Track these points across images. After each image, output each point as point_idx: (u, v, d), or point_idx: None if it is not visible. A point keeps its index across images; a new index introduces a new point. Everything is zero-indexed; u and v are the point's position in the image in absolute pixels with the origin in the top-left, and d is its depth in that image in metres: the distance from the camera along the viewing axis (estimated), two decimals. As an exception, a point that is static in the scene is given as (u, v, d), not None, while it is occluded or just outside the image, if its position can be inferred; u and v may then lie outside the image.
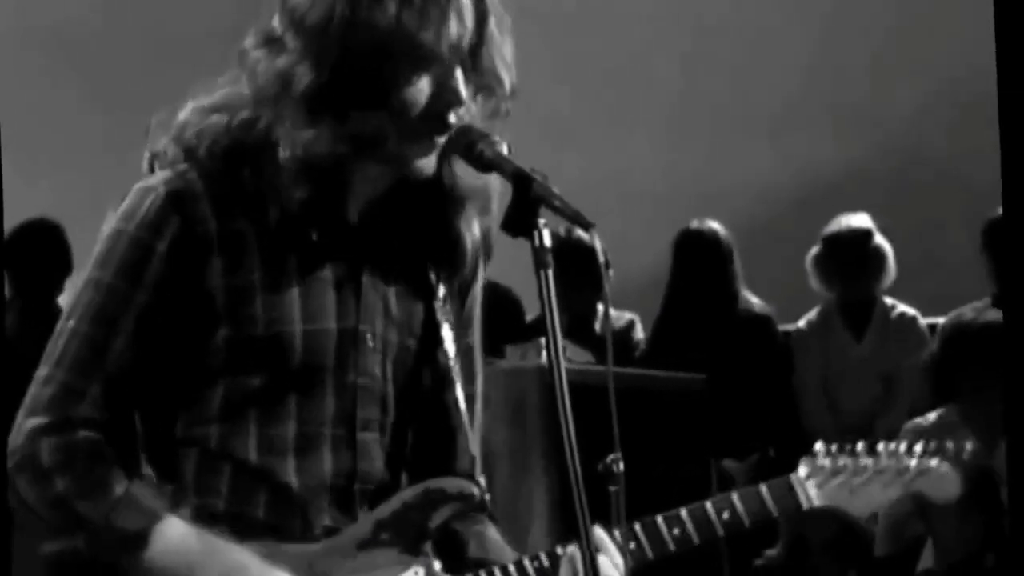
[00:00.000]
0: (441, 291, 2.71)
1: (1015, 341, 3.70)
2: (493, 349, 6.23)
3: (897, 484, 2.93)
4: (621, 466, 2.58)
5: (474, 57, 2.58)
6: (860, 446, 2.93)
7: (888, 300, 7.34)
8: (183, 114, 2.62)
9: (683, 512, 2.84)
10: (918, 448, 2.95)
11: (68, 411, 2.56)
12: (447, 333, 2.71)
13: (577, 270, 6.15)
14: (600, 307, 7.17)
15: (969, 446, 5.56)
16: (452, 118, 2.57)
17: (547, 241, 2.44)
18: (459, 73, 2.56)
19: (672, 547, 2.83)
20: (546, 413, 5.64)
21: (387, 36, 2.50)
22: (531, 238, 2.44)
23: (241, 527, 2.57)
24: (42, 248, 7.00)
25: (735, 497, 2.87)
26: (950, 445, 2.97)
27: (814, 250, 7.26)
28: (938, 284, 7.41)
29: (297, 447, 2.60)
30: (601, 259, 2.45)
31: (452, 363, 2.72)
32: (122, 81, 8.59)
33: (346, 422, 2.62)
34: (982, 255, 6.92)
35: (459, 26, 2.54)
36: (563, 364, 2.44)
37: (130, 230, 2.57)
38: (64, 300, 7.02)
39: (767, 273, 7.50)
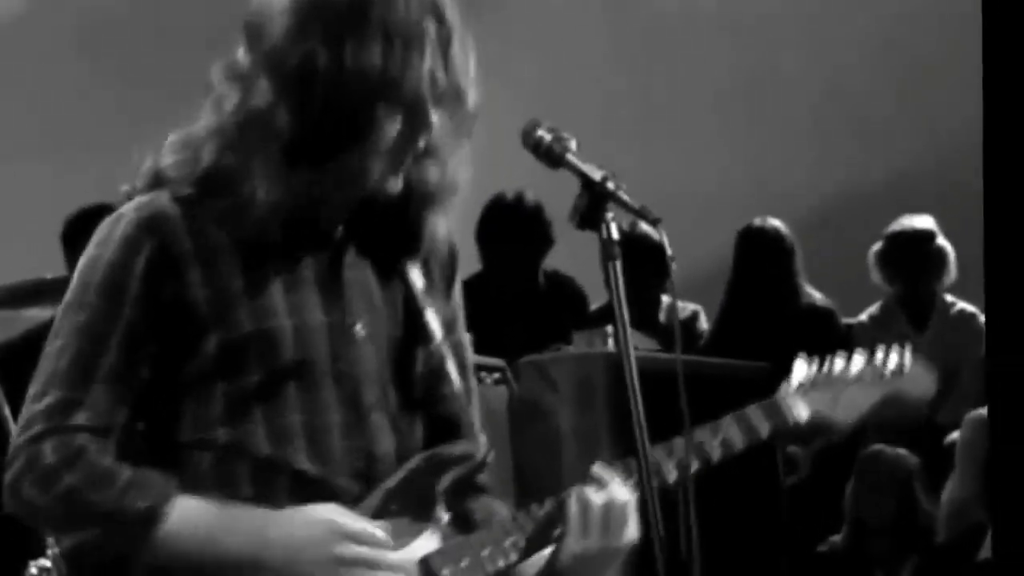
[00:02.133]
0: (420, 282, 2.73)
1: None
2: (561, 336, 6.31)
3: (876, 386, 2.94)
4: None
5: (439, 79, 2.60)
6: (839, 357, 2.94)
7: (948, 297, 7.38)
8: (158, 153, 2.67)
9: (676, 441, 2.81)
10: (894, 351, 2.98)
11: (65, 419, 2.56)
12: (431, 318, 2.72)
13: (643, 262, 6.22)
14: (664, 298, 7.24)
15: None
16: (422, 143, 2.61)
17: (615, 234, 2.51)
18: (429, 100, 2.59)
19: (670, 478, 2.80)
20: (613, 397, 5.69)
21: (373, 84, 2.53)
22: (599, 231, 2.52)
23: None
24: None
25: (726, 421, 2.86)
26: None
27: (877, 246, 7.31)
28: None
29: (307, 435, 2.61)
30: (667, 252, 2.53)
31: (442, 347, 2.73)
32: (171, 67, 8.59)
33: (353, 406, 2.64)
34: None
35: (432, 60, 2.58)
36: (631, 351, 2.52)
37: (106, 255, 2.60)
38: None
39: (821, 270, 7.55)
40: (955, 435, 6.46)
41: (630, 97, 8.94)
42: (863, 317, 7.48)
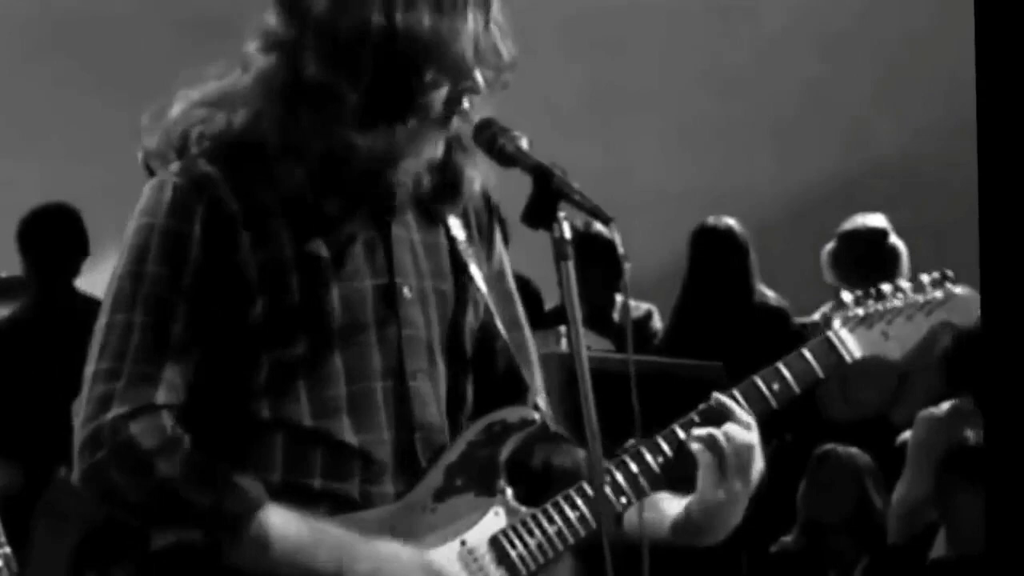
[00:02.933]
0: (462, 234, 2.72)
1: (996, 342, 3.72)
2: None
3: (925, 317, 2.87)
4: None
5: (482, 40, 2.61)
6: (886, 288, 2.89)
7: (900, 297, 7.39)
8: (176, 109, 2.62)
9: (736, 392, 2.79)
10: (939, 278, 2.89)
11: (148, 398, 2.52)
12: (476, 272, 2.71)
13: (596, 262, 6.22)
14: (618, 297, 7.22)
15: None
16: (466, 104, 2.60)
17: (567, 233, 2.48)
18: (475, 62, 2.59)
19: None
20: (566, 398, 5.67)
21: (424, 48, 2.52)
22: (551, 230, 2.49)
23: (297, 499, 2.57)
24: (60, 231, 6.97)
25: (781, 366, 2.82)
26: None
27: (830, 246, 7.31)
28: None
29: (350, 406, 2.59)
30: (620, 251, 2.50)
31: (490, 301, 2.71)
32: (136, 70, 8.58)
33: (395, 375, 2.62)
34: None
35: (476, 23, 2.58)
36: (584, 351, 2.50)
37: (159, 221, 2.57)
38: (81, 283, 7.09)
39: (773, 271, 7.56)
40: (907, 434, 6.47)
41: (586, 95, 8.95)
42: (816, 316, 7.47)
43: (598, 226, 6.49)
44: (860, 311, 2.87)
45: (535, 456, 2.76)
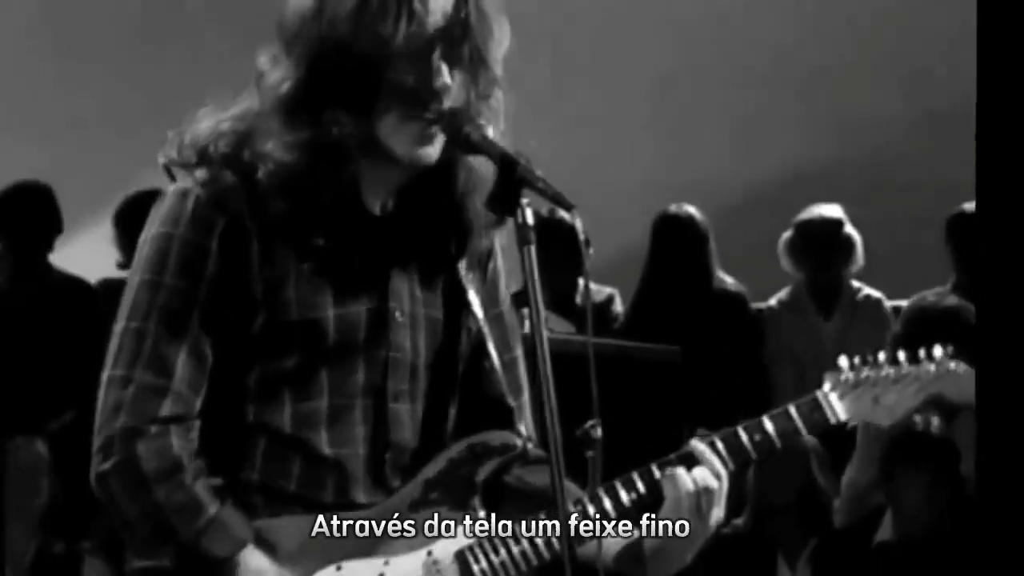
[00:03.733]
0: (463, 261, 2.79)
1: (984, 320, 3.77)
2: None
3: (919, 389, 2.90)
4: (599, 431, 2.72)
5: (456, 41, 2.65)
6: (882, 356, 2.90)
7: (855, 283, 7.52)
8: (200, 124, 2.69)
9: (716, 439, 2.83)
10: (937, 353, 2.92)
11: (155, 409, 2.62)
12: (473, 298, 2.79)
13: (559, 248, 6.27)
14: (581, 282, 7.28)
15: (936, 420, 5.65)
16: (437, 105, 2.63)
17: (530, 219, 2.56)
18: (440, 61, 2.63)
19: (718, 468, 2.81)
20: (530, 380, 5.73)
21: (349, 36, 2.58)
22: (514, 216, 2.57)
23: (273, 498, 2.68)
24: (33, 208, 7.07)
25: (765, 419, 2.85)
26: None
27: (786, 235, 7.44)
28: (901, 271, 7.57)
29: (329, 418, 2.67)
30: (581, 237, 2.58)
31: (484, 326, 2.79)
32: (117, 53, 8.59)
33: (375, 394, 2.70)
34: (946, 246, 7.11)
35: (426, 15, 2.61)
36: (545, 333, 2.59)
37: (179, 232, 2.64)
38: (55, 258, 7.16)
39: (733, 257, 7.65)
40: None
41: (551, 84, 9.01)
42: (773, 302, 7.60)
43: (562, 213, 6.55)
44: (852, 376, 2.89)
45: (511, 476, 2.82)
